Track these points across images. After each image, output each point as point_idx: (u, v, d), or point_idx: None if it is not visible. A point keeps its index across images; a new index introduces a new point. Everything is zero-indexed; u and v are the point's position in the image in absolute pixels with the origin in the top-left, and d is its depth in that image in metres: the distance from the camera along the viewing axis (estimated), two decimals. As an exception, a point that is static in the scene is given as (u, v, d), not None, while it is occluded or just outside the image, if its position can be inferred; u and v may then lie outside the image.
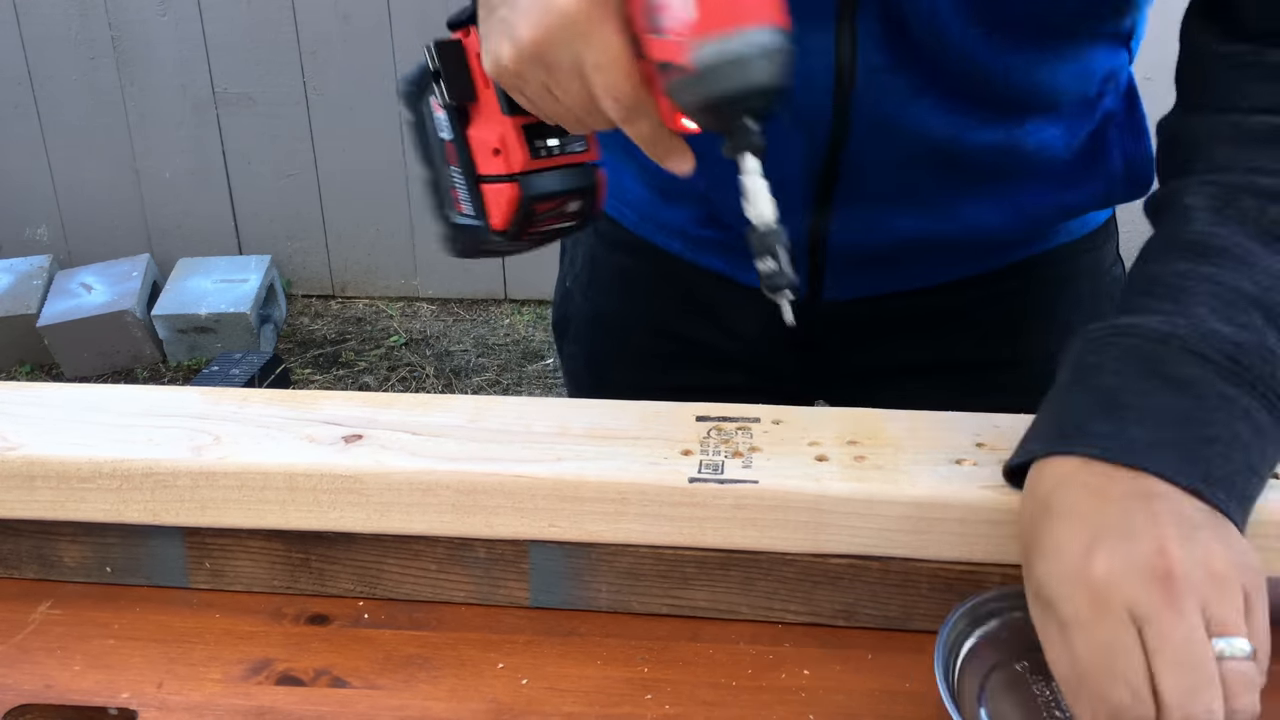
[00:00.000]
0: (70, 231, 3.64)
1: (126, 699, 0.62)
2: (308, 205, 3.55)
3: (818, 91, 0.75)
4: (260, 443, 0.69)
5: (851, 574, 0.65)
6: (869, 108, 0.76)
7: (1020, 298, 0.92)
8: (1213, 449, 0.55)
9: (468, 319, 3.54)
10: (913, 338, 0.93)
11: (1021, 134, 0.80)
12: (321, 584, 0.70)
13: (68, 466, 0.68)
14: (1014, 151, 0.80)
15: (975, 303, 0.92)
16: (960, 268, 0.90)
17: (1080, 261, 0.94)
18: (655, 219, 0.94)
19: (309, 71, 3.38)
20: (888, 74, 0.74)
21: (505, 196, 0.66)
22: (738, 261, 0.91)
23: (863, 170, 0.80)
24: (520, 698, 0.61)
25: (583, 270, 1.02)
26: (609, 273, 1.00)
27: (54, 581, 0.72)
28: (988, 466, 0.65)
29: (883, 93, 0.75)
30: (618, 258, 0.99)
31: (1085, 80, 0.81)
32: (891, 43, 0.73)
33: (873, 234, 0.84)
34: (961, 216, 0.84)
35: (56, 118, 3.51)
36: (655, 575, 0.66)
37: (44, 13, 3.39)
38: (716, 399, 0.73)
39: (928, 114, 0.76)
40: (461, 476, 0.65)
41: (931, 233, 0.84)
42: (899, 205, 0.83)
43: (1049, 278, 0.93)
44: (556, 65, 0.59)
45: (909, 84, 0.75)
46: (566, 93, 0.60)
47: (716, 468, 0.65)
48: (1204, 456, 0.55)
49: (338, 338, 3.45)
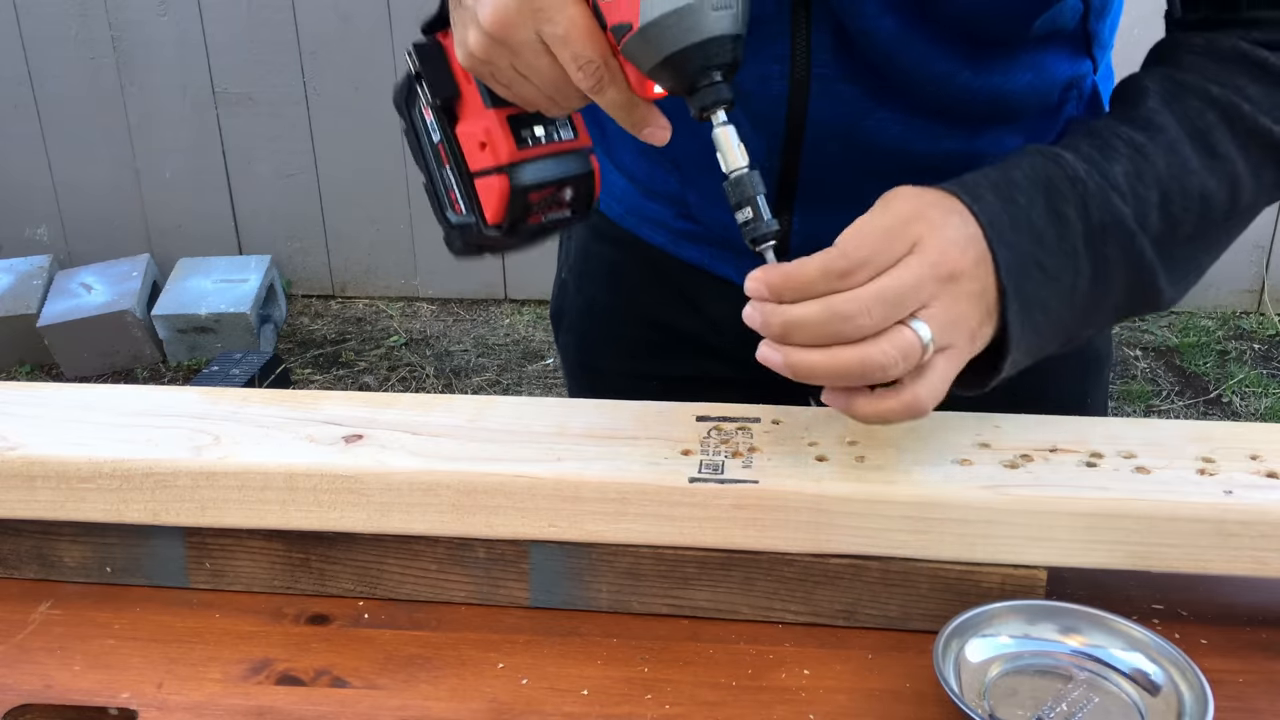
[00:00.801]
0: (70, 231, 3.64)
1: (126, 699, 0.62)
2: (308, 205, 3.55)
3: (773, 100, 0.77)
4: (260, 443, 0.69)
5: (851, 574, 0.65)
6: (824, 117, 0.77)
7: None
8: (1035, 271, 0.65)
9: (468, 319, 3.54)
10: None
11: (981, 144, 0.80)
12: (322, 584, 0.70)
13: (68, 466, 0.68)
14: (975, 161, 0.80)
15: None
16: None
17: None
18: (639, 211, 0.95)
19: (309, 71, 3.39)
20: (842, 84, 0.76)
21: (496, 189, 0.66)
22: (716, 254, 0.92)
23: (821, 176, 0.81)
24: (520, 698, 0.61)
25: (576, 262, 1.04)
26: (599, 264, 1.02)
27: (54, 582, 0.72)
28: (988, 467, 0.65)
29: (838, 102, 0.77)
30: (607, 250, 1.00)
31: (1044, 89, 0.81)
32: (843, 54, 0.74)
33: (837, 234, 0.84)
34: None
35: (56, 118, 3.51)
36: (656, 575, 0.66)
37: (44, 13, 3.39)
38: (708, 389, 0.73)
39: (885, 124, 0.77)
40: (462, 477, 0.65)
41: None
42: (861, 208, 0.83)
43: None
44: (521, 45, 0.60)
45: (863, 94, 0.76)
46: (535, 71, 0.61)
47: (717, 468, 0.65)
48: (1028, 267, 0.64)
49: (338, 338, 3.45)
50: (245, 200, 3.57)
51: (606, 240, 1.00)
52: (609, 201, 0.98)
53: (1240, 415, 2.97)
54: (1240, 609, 0.67)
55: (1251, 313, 3.47)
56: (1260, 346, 3.30)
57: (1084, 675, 0.59)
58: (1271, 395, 3.04)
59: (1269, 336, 3.34)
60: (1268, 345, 3.30)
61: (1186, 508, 0.62)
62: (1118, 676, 0.58)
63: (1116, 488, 0.63)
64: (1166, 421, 0.72)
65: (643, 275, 0.99)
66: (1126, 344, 3.30)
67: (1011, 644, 0.60)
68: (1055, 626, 0.61)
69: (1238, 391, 3.07)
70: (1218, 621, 0.66)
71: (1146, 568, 0.63)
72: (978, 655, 0.60)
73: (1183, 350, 3.27)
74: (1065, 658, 0.60)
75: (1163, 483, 0.64)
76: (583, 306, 1.04)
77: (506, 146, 0.66)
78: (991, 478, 0.64)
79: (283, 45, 3.35)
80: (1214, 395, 3.07)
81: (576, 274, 1.04)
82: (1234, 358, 3.23)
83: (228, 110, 3.45)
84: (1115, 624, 0.60)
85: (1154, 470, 0.65)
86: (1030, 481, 0.64)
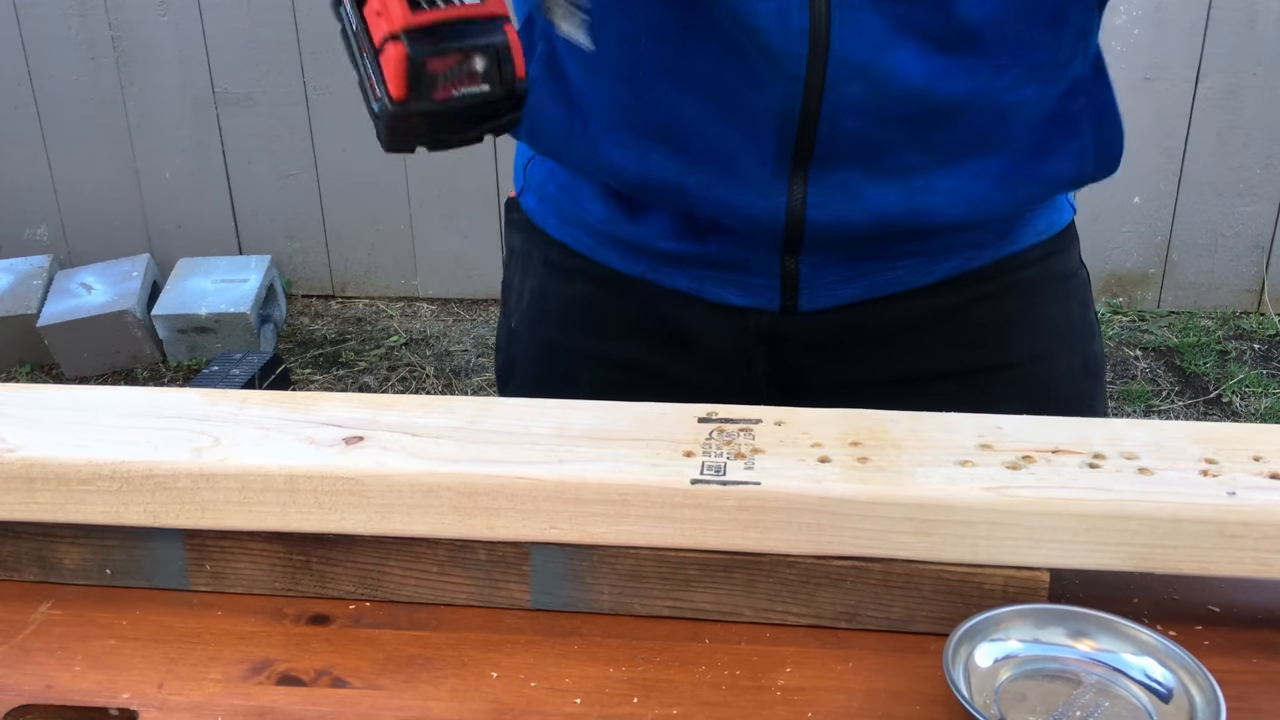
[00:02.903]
0: (70, 231, 3.64)
1: (127, 699, 0.62)
2: (308, 205, 3.55)
3: (793, 36, 0.75)
4: (261, 444, 0.69)
5: (854, 576, 0.65)
6: (847, 52, 0.75)
7: (996, 301, 0.92)
8: None
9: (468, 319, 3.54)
10: (890, 349, 0.92)
11: (997, 87, 0.79)
12: (322, 586, 0.70)
13: (67, 468, 0.68)
14: (989, 108, 0.80)
15: (952, 310, 0.91)
16: (935, 264, 0.90)
17: (1049, 263, 0.94)
18: (616, 237, 0.92)
19: (309, 71, 3.38)
20: (865, 11, 0.74)
21: (393, 58, 0.63)
22: (707, 277, 0.90)
23: (841, 129, 0.79)
24: (521, 698, 0.61)
25: (531, 305, 0.99)
26: (559, 305, 0.97)
27: (54, 582, 0.72)
28: (991, 468, 0.65)
29: (859, 34, 0.75)
30: (571, 287, 0.96)
31: (1058, 30, 0.80)
32: None
33: (851, 207, 0.83)
34: (939, 189, 0.83)
35: (56, 118, 3.51)
36: (657, 577, 0.66)
37: (44, 13, 3.39)
38: None
39: (908, 63, 0.76)
40: (463, 478, 0.65)
41: (909, 211, 0.83)
42: (876, 174, 0.82)
43: (1022, 280, 0.93)
44: None
45: (885, 26, 0.74)
46: None
47: (719, 469, 0.65)
48: None
49: (338, 338, 3.45)
50: (245, 200, 3.56)
51: (571, 277, 0.95)
52: (577, 234, 0.94)
53: (1240, 415, 2.97)
54: (1242, 609, 0.67)
55: (1251, 313, 3.47)
56: (1260, 346, 3.30)
57: (1094, 680, 0.59)
58: (1272, 395, 3.04)
59: (1269, 336, 3.34)
60: (1268, 345, 3.30)
61: (1189, 509, 0.61)
62: (1128, 681, 0.58)
63: (1119, 489, 0.63)
64: (1169, 423, 0.72)
65: (615, 311, 0.95)
66: (1126, 344, 3.30)
67: (1021, 648, 0.60)
68: (1065, 631, 0.61)
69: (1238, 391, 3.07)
70: (1220, 622, 0.66)
71: (1149, 569, 0.63)
72: (987, 660, 0.59)
73: (1183, 350, 3.27)
74: (1075, 662, 0.60)
75: (1166, 484, 0.63)
76: (537, 354, 1.00)
77: (400, 10, 0.63)
78: (994, 479, 0.64)
79: (283, 45, 3.35)
80: (1214, 395, 3.07)
81: (531, 319, 0.99)
82: (1234, 358, 3.23)
83: (228, 110, 3.45)
84: (1125, 628, 0.60)
85: (1157, 471, 0.65)
86: (1033, 483, 0.63)
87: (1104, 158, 0.87)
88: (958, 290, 0.91)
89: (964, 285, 0.91)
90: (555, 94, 0.87)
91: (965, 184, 0.83)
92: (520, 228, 1.01)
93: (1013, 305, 0.93)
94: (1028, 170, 0.85)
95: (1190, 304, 3.49)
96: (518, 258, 1.02)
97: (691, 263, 0.90)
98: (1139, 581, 0.68)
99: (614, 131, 0.85)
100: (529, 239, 1.00)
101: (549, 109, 0.87)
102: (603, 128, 0.86)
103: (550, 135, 0.89)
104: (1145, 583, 0.68)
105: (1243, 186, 3.34)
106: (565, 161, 0.90)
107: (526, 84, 0.66)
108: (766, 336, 0.91)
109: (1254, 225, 3.37)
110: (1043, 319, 0.94)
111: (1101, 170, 0.87)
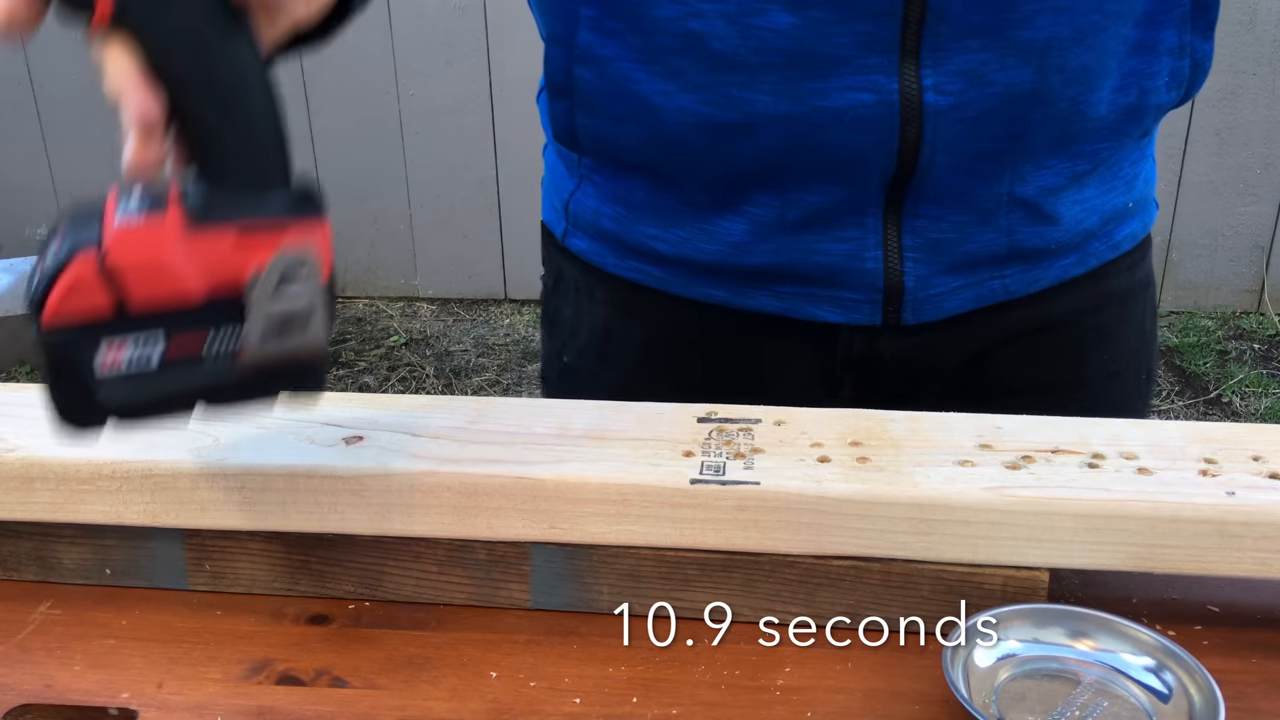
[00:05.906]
0: (70, 231, 3.63)
1: (127, 699, 0.62)
2: (308, 205, 3.55)
3: None
4: (260, 444, 0.69)
5: (854, 576, 0.65)
6: None
7: (1080, 317, 0.90)
8: None
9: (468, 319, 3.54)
10: (980, 368, 0.89)
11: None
12: (322, 586, 0.70)
13: (67, 468, 0.68)
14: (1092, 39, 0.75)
15: (1041, 323, 0.89)
16: (1044, 270, 0.86)
17: (1137, 273, 0.93)
18: (691, 261, 0.86)
19: (309, 71, 3.39)
20: None
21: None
22: (798, 295, 0.85)
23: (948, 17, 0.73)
24: (520, 698, 0.61)
25: (588, 345, 0.94)
26: (629, 345, 0.92)
27: (54, 582, 0.72)
28: (990, 468, 0.65)
29: None
30: (640, 327, 0.91)
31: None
32: None
33: (974, 90, 0.75)
34: (1069, 67, 0.76)
35: (56, 118, 3.51)
36: (657, 577, 0.66)
37: (44, 12, 3.39)
38: None
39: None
40: (463, 478, 0.65)
41: (1037, 90, 0.76)
42: (1005, 52, 0.75)
43: (1103, 293, 0.91)
44: None
45: None
46: None
47: (718, 469, 0.65)
48: None
49: (338, 338, 3.45)
50: (245, 200, 3.56)
51: (639, 316, 0.90)
52: (643, 267, 0.89)
53: (1240, 415, 2.97)
54: (1241, 609, 0.67)
55: (1251, 313, 3.47)
56: (1260, 346, 3.30)
57: (1093, 679, 0.59)
58: (1271, 395, 3.04)
59: (1269, 336, 3.35)
60: (1268, 345, 3.30)
61: (1189, 509, 0.62)
62: (1127, 681, 0.58)
63: (1119, 489, 0.63)
64: (1168, 423, 0.72)
65: (691, 343, 0.89)
66: (1127, 344, 3.30)
67: (1020, 648, 0.60)
68: (1064, 631, 0.61)
69: (1238, 391, 3.07)
70: (1219, 622, 0.66)
71: (1149, 569, 0.63)
72: (986, 660, 0.59)
73: (1183, 350, 3.27)
74: (1074, 662, 0.60)
75: (1165, 484, 0.64)
76: (607, 396, 0.97)
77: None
78: (993, 479, 0.64)
79: (283, 45, 3.35)
80: (1214, 395, 3.07)
81: (591, 358, 0.94)
82: (1234, 358, 3.24)
83: (228, 110, 3.45)
84: (1125, 628, 0.60)
85: (1156, 471, 0.65)
86: (1032, 483, 0.64)
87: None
88: (1057, 301, 0.88)
89: (1063, 296, 0.88)
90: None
91: (1094, 60, 0.77)
92: (570, 258, 0.95)
93: (1103, 320, 0.91)
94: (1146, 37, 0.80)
95: (1190, 304, 3.49)
96: (568, 288, 0.96)
97: (780, 279, 0.85)
98: (1138, 581, 0.68)
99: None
100: (584, 275, 0.94)
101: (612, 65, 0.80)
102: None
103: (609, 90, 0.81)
104: (1144, 583, 0.68)
105: (1242, 186, 3.34)
106: (618, 189, 0.86)
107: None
108: (858, 361, 0.87)
109: (1254, 225, 3.38)
110: (1123, 333, 0.92)
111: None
